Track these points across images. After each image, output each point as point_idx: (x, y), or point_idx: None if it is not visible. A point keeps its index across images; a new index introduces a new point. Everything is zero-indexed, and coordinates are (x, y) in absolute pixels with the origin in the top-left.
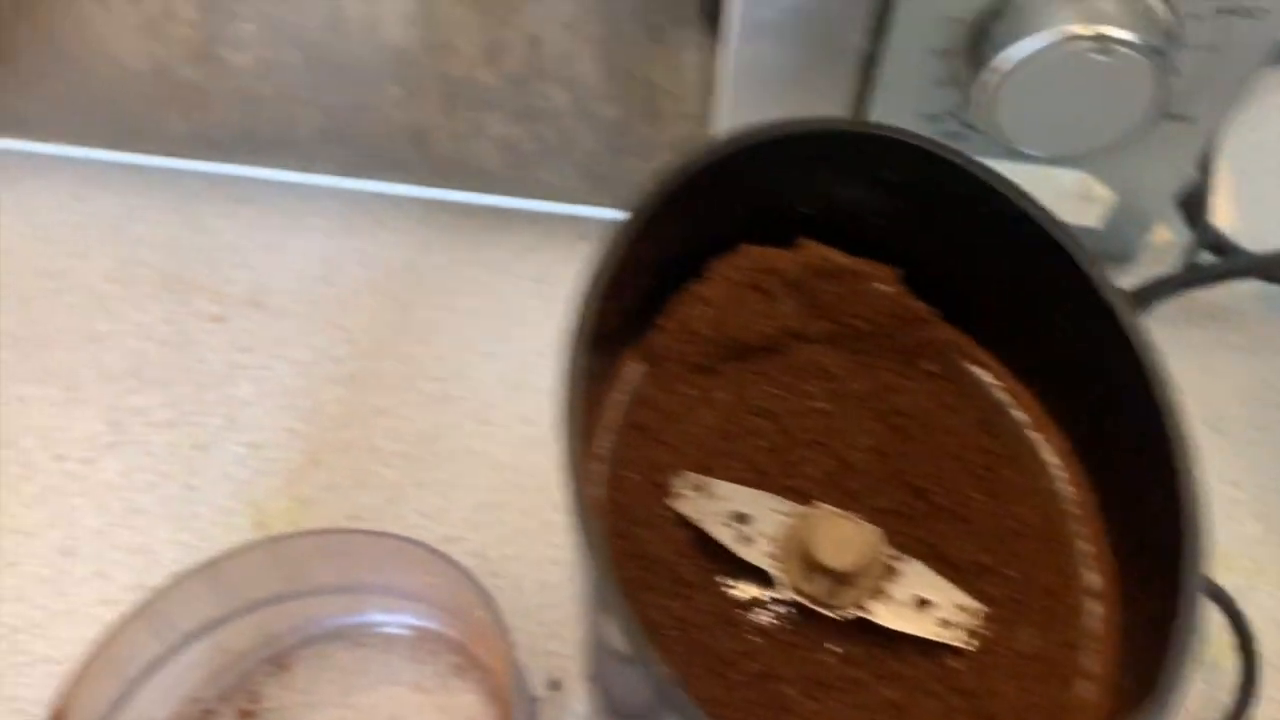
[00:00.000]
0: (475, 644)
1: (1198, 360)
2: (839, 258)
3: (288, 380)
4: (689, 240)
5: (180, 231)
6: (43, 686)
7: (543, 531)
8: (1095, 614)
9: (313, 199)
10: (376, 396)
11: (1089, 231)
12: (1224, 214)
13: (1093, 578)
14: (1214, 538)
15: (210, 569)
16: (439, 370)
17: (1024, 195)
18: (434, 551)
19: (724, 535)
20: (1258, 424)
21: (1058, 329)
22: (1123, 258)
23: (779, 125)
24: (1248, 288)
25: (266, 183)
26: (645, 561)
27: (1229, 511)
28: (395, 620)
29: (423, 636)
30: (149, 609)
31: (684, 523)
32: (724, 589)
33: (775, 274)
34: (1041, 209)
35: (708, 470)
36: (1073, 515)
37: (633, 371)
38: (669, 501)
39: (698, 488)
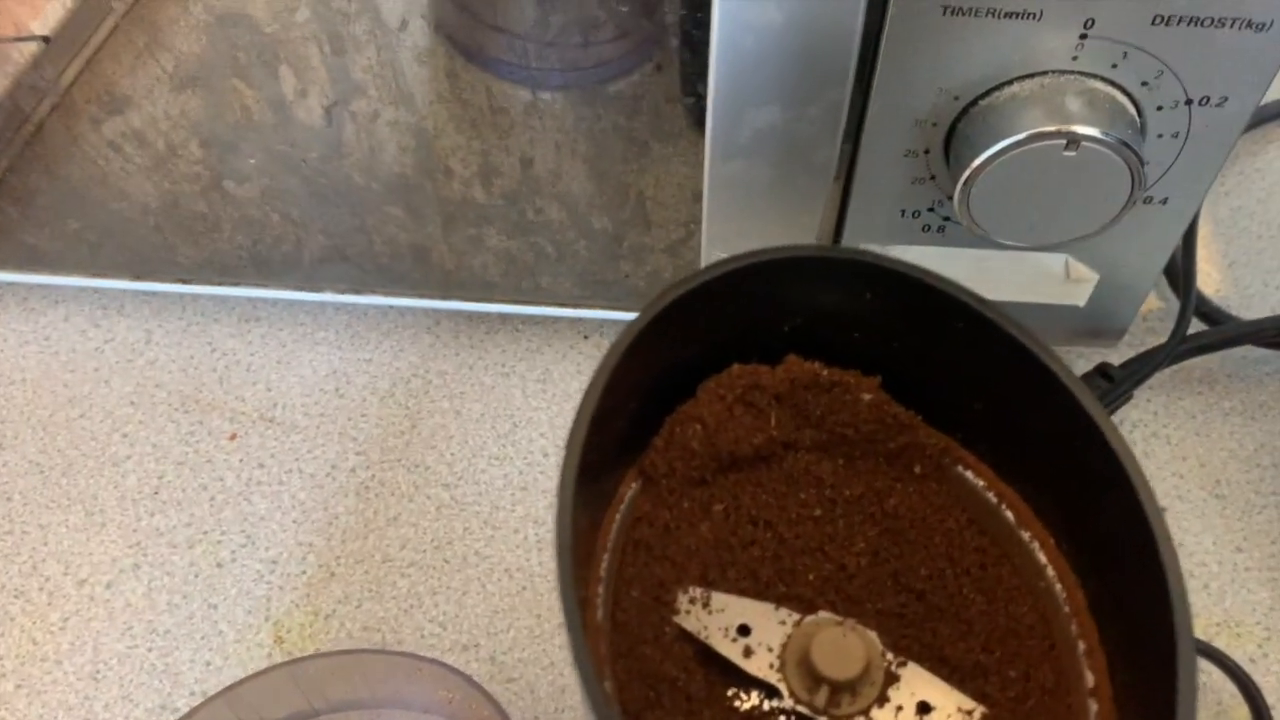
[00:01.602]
0: None
1: (1194, 427)
2: (822, 371)
3: (301, 494)
4: (680, 363)
5: (195, 352)
6: None
7: (555, 634)
8: (1095, 712)
9: (320, 314)
10: (389, 505)
11: (1075, 310)
12: (1211, 280)
13: (1089, 676)
14: (1223, 606)
15: (230, 694)
16: (448, 476)
17: (990, 307)
18: (447, 667)
19: (727, 649)
20: (1259, 489)
21: (1033, 430)
22: (1113, 332)
23: (753, 255)
24: (1241, 353)
25: (275, 302)
26: (652, 680)
27: (1236, 579)
28: None
29: None
30: None
31: (688, 637)
32: (730, 702)
33: (762, 390)
34: (1009, 320)
35: (709, 583)
36: (1065, 613)
37: (632, 490)
38: (673, 617)
39: (700, 602)
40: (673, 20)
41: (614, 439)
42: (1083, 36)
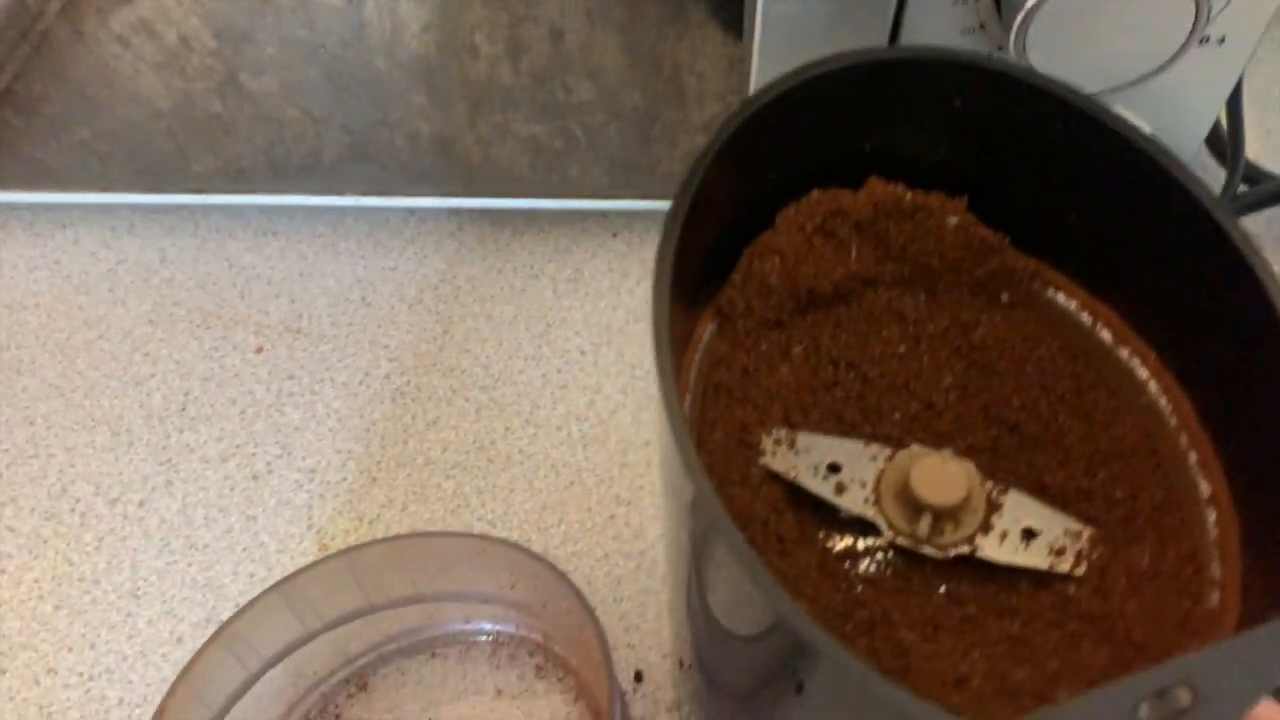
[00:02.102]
0: (557, 642)
1: None
2: (906, 194)
3: (336, 403)
4: (758, 189)
5: (212, 268)
6: None
7: (608, 526)
8: (1211, 521)
9: (339, 223)
10: (426, 410)
11: None
12: (1250, 148)
13: (1204, 485)
14: None
15: (286, 586)
16: (485, 378)
17: (1093, 102)
18: (514, 546)
19: (819, 487)
20: None
21: (1138, 237)
22: None
23: (836, 58)
24: None
25: (292, 211)
26: (742, 521)
27: None
28: (472, 628)
29: (501, 641)
30: (227, 632)
31: (775, 479)
32: (824, 542)
33: (844, 217)
34: (1115, 116)
35: (793, 425)
36: (1172, 427)
37: (709, 331)
38: (759, 459)
39: (786, 442)
40: None
41: (691, 274)
42: None
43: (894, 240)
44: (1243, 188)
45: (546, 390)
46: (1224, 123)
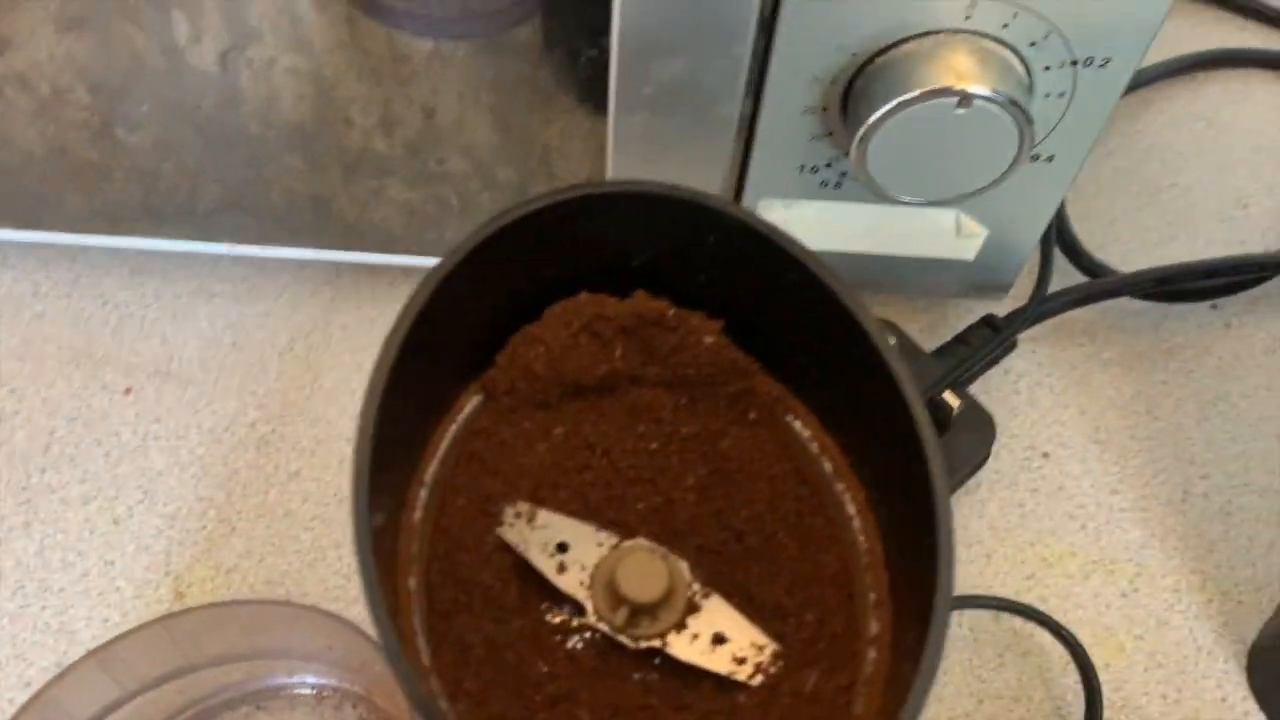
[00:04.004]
0: (379, 696)
1: (1076, 377)
2: (668, 309)
3: (200, 449)
4: (532, 287)
5: (85, 305)
6: None
7: None
8: (871, 659)
9: (216, 267)
10: (290, 460)
11: (964, 264)
12: (1094, 237)
13: (874, 625)
14: (1099, 545)
15: (102, 652)
16: (349, 430)
17: (811, 256)
18: (325, 613)
19: (542, 562)
20: (1134, 434)
21: (850, 383)
22: (1000, 285)
23: (596, 185)
24: (1120, 304)
25: (168, 254)
26: (463, 584)
27: (1111, 519)
28: (296, 681)
29: (325, 695)
30: (42, 699)
31: (507, 549)
32: (541, 615)
33: (608, 320)
34: (825, 268)
35: (539, 501)
36: (863, 565)
37: (471, 404)
38: (496, 529)
39: (525, 517)
40: None
41: (454, 352)
42: None
43: (657, 347)
44: (1082, 279)
45: None
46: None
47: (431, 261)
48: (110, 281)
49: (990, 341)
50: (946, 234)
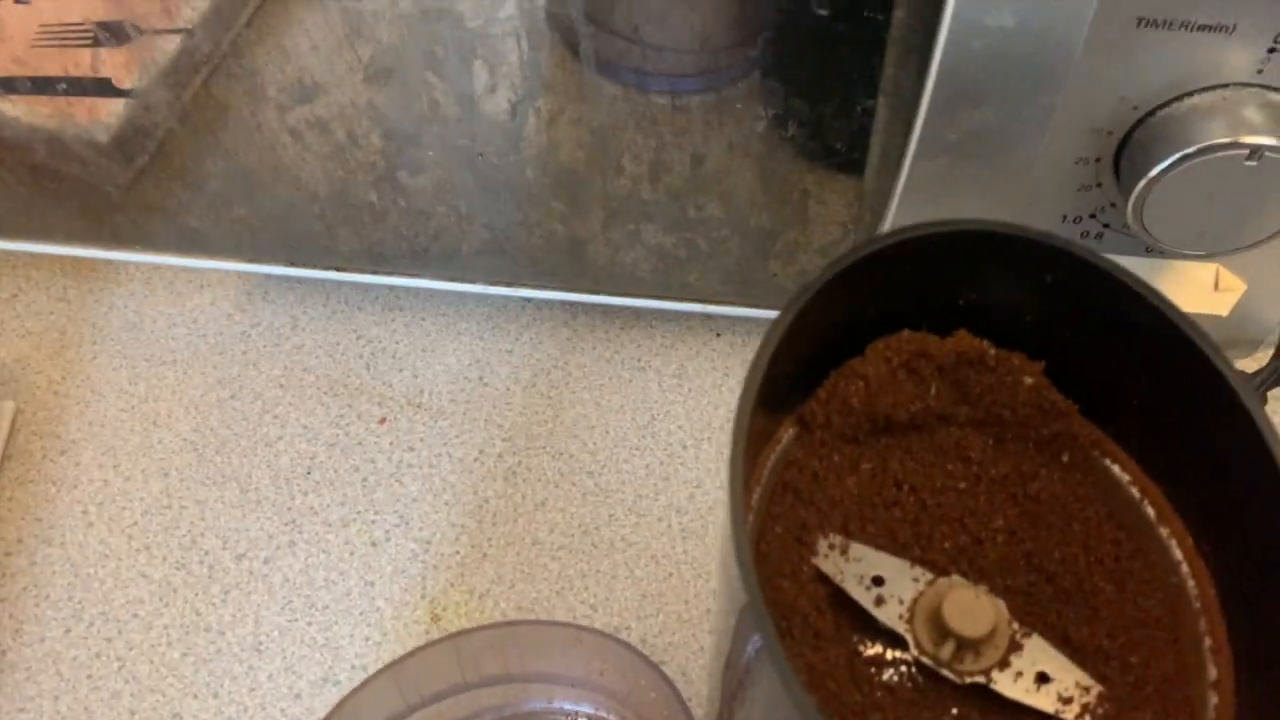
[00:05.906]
0: None
1: None
2: (989, 349)
3: (452, 478)
4: (853, 321)
5: (341, 338)
6: None
7: (703, 619)
8: (1212, 704)
9: (461, 305)
10: (536, 491)
11: (1215, 319)
12: None
13: (1212, 669)
14: None
15: (396, 668)
16: (591, 464)
17: (1174, 309)
18: (608, 636)
19: (861, 595)
20: None
21: (1189, 431)
22: (1251, 341)
23: (946, 223)
24: None
25: (418, 291)
26: (783, 610)
27: None
28: (555, 707)
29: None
30: (343, 708)
31: (823, 579)
32: (856, 645)
33: (929, 358)
34: (1193, 326)
35: (849, 534)
36: (1195, 609)
37: (788, 435)
38: (812, 558)
39: (839, 549)
40: (886, 21)
41: (780, 384)
42: (1271, 50)
43: (972, 387)
44: None
45: (649, 481)
46: None
47: (672, 306)
48: (363, 317)
49: None
50: (1204, 289)
